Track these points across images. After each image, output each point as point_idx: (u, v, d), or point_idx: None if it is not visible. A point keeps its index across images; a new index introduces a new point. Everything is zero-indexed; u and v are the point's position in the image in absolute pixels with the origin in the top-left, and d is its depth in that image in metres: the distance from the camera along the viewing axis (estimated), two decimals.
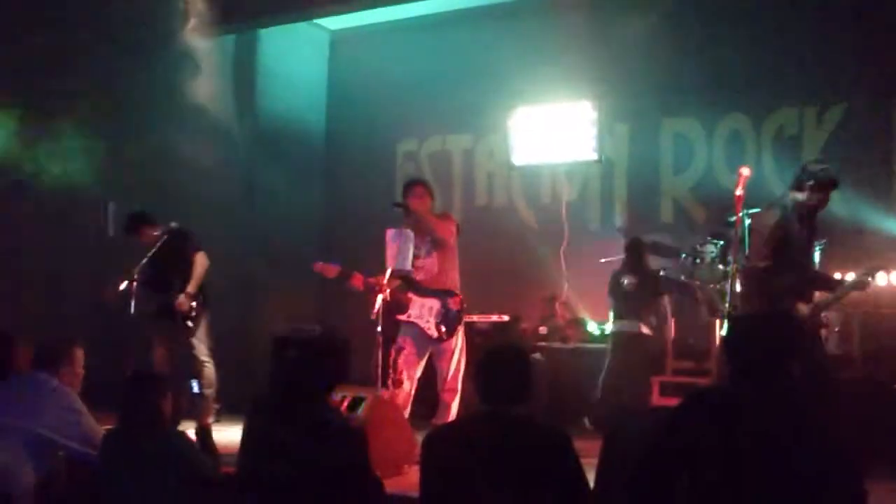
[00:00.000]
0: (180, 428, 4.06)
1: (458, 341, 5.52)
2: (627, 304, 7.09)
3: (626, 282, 7.14)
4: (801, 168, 5.07)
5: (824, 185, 4.91)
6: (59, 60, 7.13)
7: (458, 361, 5.53)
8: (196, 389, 3.99)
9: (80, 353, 4.26)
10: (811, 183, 4.90)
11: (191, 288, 6.40)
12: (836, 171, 4.99)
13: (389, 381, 5.20)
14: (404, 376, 5.33)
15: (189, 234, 6.60)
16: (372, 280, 5.39)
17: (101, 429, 4.18)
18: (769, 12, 7.69)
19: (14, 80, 6.99)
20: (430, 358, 5.54)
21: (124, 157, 7.53)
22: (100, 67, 7.37)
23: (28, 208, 6.97)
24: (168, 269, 6.46)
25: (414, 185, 5.59)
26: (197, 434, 3.87)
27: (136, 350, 6.28)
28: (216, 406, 6.31)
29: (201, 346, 6.45)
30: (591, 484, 3.13)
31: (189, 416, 5.82)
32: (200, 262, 6.50)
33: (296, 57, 9.63)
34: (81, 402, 4.13)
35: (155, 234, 6.53)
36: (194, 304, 6.40)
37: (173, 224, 6.51)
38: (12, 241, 6.81)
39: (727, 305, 4.85)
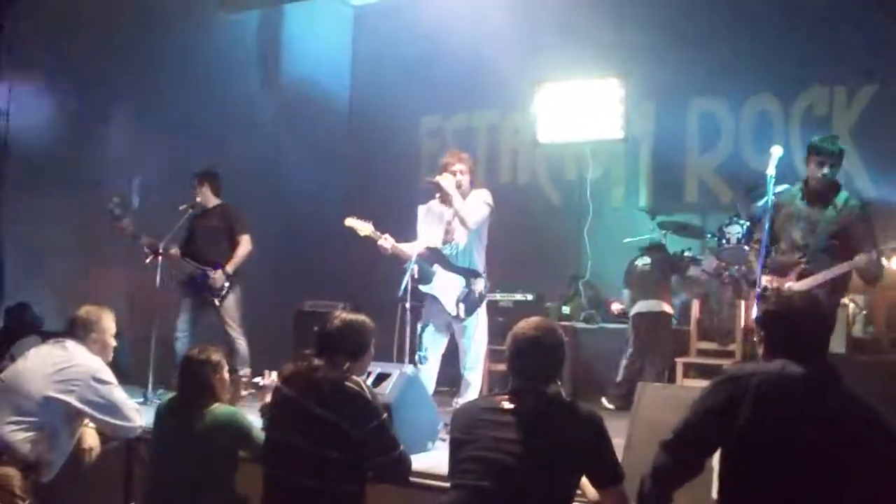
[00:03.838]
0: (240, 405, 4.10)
1: (480, 320, 5.50)
2: (645, 285, 7.06)
3: (640, 264, 7.14)
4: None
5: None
6: (85, 34, 7.13)
7: (480, 340, 5.52)
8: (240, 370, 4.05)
9: (110, 322, 4.28)
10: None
11: (230, 267, 6.48)
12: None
13: (416, 358, 5.19)
14: (430, 353, 5.32)
15: (241, 213, 6.65)
16: (401, 246, 5.36)
17: (129, 400, 4.23)
18: None
19: (45, 53, 7.00)
20: (452, 336, 5.54)
21: (148, 132, 7.55)
22: (124, 43, 7.37)
23: (59, 182, 7.02)
24: (212, 243, 6.52)
25: (450, 161, 5.48)
26: (261, 412, 3.93)
27: (160, 323, 6.32)
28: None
29: (232, 324, 6.53)
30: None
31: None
32: (246, 243, 6.60)
33: (320, 32, 9.61)
34: (110, 372, 4.16)
35: (214, 200, 6.60)
36: (227, 283, 6.45)
37: None
38: (43, 214, 6.86)
39: (758, 287, 4.84)
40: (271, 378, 3.99)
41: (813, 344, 2.67)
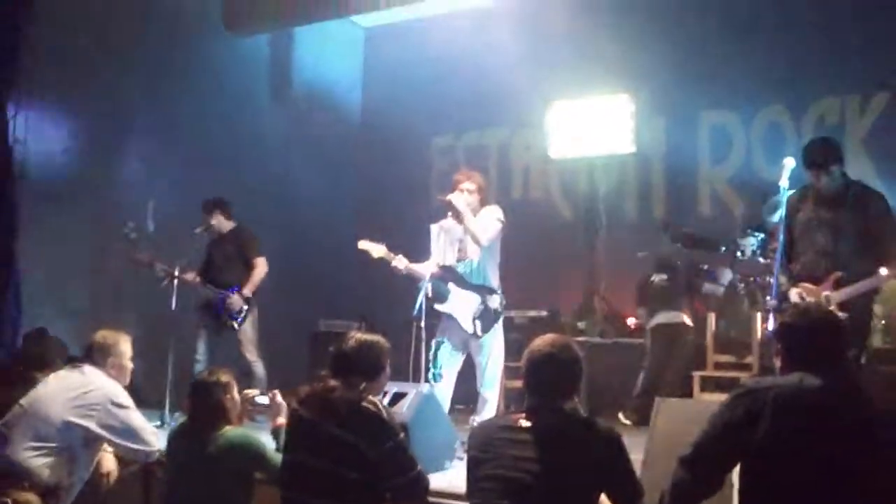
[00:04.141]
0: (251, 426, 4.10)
1: (496, 337, 5.49)
2: (663, 299, 7.04)
3: (656, 280, 7.13)
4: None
5: None
6: (100, 59, 7.22)
7: (497, 357, 5.50)
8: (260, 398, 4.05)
9: (127, 346, 4.30)
10: None
11: (247, 290, 6.55)
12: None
13: (430, 376, 5.19)
14: (444, 371, 5.32)
15: (255, 237, 6.72)
16: (415, 266, 5.38)
17: (147, 423, 4.24)
18: (809, 1, 7.58)
19: (59, 77, 7.09)
20: (469, 354, 5.53)
21: (162, 154, 7.62)
22: (138, 68, 7.46)
23: (75, 206, 7.09)
24: (228, 268, 6.58)
25: (460, 178, 5.51)
26: (273, 434, 3.93)
27: (176, 346, 6.34)
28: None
29: (250, 347, 6.57)
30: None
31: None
32: (261, 267, 6.66)
33: (331, 54, 9.70)
34: (128, 396, 4.17)
35: (228, 224, 6.69)
36: (245, 306, 6.50)
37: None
38: (57, 237, 6.92)
39: (772, 297, 4.77)
40: (275, 397, 3.99)
41: (830, 355, 2.65)
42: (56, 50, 7.02)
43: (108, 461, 4.30)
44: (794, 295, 4.68)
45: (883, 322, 6.68)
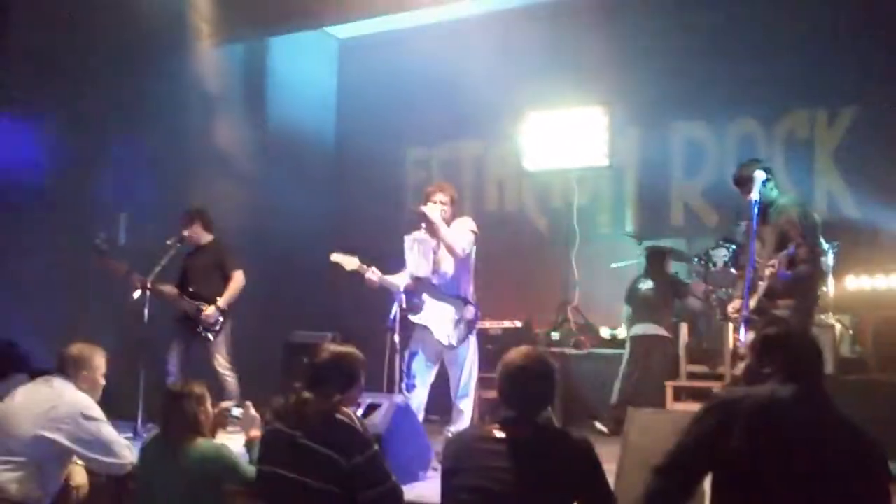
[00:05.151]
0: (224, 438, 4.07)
1: (470, 348, 5.50)
2: (646, 308, 7.09)
3: (643, 287, 7.17)
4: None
5: None
6: (70, 68, 7.16)
7: (471, 368, 5.51)
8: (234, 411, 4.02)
9: (101, 362, 4.26)
10: None
11: (222, 303, 6.51)
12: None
13: (402, 386, 5.19)
14: (417, 381, 5.32)
15: (233, 250, 6.71)
16: (389, 278, 5.38)
17: (119, 436, 4.20)
18: (779, 16, 7.68)
19: (29, 87, 7.02)
20: (443, 364, 5.54)
21: (134, 167, 7.56)
22: (110, 78, 7.40)
23: (46, 217, 7.01)
24: (206, 280, 6.55)
25: (432, 190, 5.55)
26: (246, 447, 3.90)
27: (148, 358, 6.29)
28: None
29: (223, 361, 6.53)
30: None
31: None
32: (238, 279, 6.64)
33: (305, 65, 9.67)
34: (98, 409, 4.13)
35: (207, 236, 6.67)
36: (221, 318, 6.47)
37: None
38: (29, 250, 6.84)
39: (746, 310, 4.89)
40: (249, 409, 3.97)
41: (811, 367, 2.69)
42: (26, 60, 6.95)
43: (79, 474, 4.25)
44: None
45: (851, 332, 6.77)
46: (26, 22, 6.95)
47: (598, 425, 6.76)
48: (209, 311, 6.45)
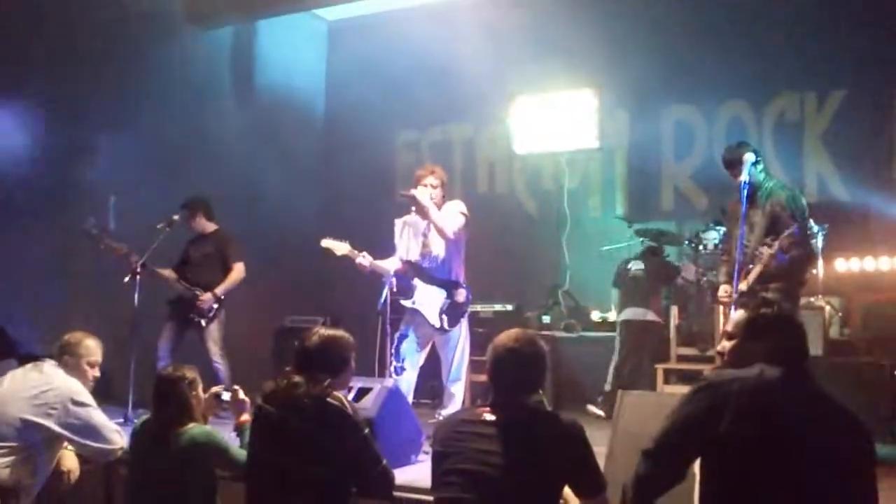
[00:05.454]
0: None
1: (462, 331, 5.52)
2: (636, 291, 7.09)
3: (633, 269, 7.17)
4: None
5: None
6: (56, 54, 7.10)
7: (463, 351, 5.53)
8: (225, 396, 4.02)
9: (91, 344, 4.24)
10: None
11: (219, 290, 6.54)
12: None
13: (391, 369, 5.20)
14: (407, 364, 5.33)
15: (236, 242, 6.77)
16: (379, 263, 5.38)
17: (109, 421, 4.20)
18: None
19: (16, 75, 6.96)
20: (434, 348, 5.55)
21: (123, 151, 7.51)
22: (97, 63, 7.34)
23: (34, 204, 6.97)
24: (206, 269, 6.58)
25: (423, 173, 5.53)
26: (236, 431, 3.91)
27: (139, 343, 6.28)
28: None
29: (214, 348, 6.55)
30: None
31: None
32: (238, 271, 6.69)
33: (294, 48, 9.61)
34: (88, 394, 4.12)
35: (210, 225, 6.75)
36: (215, 306, 6.47)
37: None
38: (18, 238, 6.80)
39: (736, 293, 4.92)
40: (238, 393, 3.97)
41: (799, 349, 2.70)
42: (13, 48, 6.88)
43: (69, 459, 4.24)
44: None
45: (840, 314, 6.81)
46: (10, 10, 6.86)
47: (594, 409, 6.77)
48: (205, 297, 6.49)
